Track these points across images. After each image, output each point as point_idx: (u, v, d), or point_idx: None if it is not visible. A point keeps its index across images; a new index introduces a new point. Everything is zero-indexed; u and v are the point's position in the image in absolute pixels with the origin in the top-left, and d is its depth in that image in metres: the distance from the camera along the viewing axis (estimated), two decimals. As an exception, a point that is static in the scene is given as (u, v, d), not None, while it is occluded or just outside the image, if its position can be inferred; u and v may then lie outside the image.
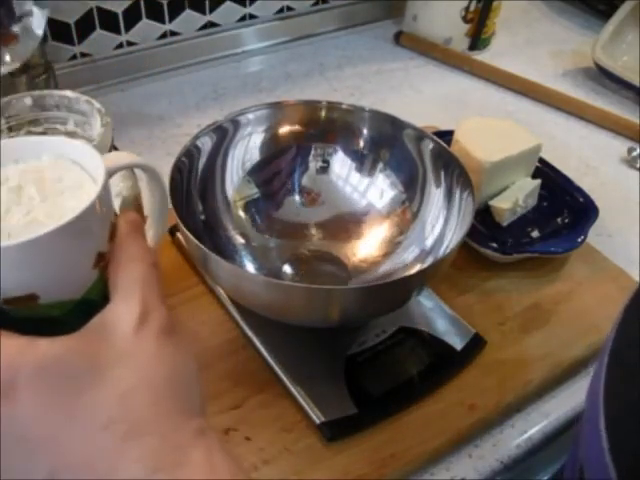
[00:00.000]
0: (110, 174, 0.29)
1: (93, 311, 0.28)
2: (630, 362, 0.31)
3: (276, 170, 0.61)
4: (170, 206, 0.46)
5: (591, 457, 0.33)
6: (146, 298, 0.28)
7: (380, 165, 0.60)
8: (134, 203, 0.54)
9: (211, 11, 0.88)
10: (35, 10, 0.46)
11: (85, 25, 0.79)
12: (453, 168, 0.55)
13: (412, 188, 0.59)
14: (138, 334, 0.27)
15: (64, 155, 0.30)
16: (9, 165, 0.29)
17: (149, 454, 0.25)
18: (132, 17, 0.82)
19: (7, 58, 0.45)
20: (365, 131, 0.60)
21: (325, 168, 0.61)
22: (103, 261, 0.29)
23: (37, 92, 0.50)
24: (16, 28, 0.46)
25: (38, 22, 0.49)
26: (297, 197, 0.61)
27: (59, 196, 0.28)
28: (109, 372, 0.26)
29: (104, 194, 0.28)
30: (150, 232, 0.36)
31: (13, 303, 0.26)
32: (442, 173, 0.56)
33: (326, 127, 0.60)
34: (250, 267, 0.57)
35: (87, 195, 0.27)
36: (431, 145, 0.57)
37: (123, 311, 0.27)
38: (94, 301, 0.29)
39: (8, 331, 0.25)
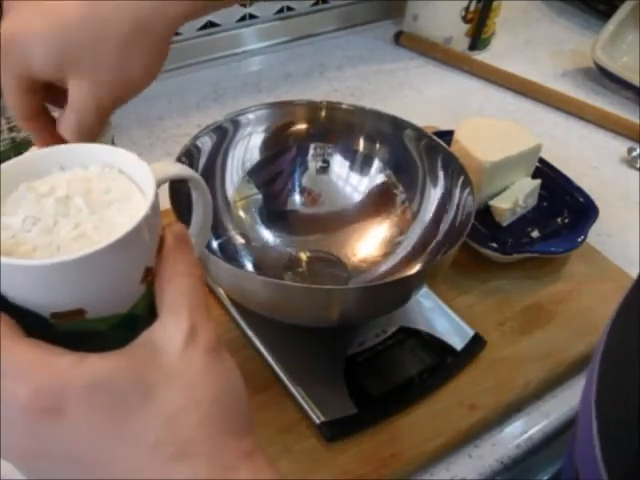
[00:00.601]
0: (158, 185, 0.28)
1: (139, 325, 0.27)
2: (621, 365, 0.31)
3: (276, 170, 0.61)
4: (169, 206, 0.46)
5: (585, 458, 0.33)
6: (194, 314, 0.27)
7: (380, 165, 0.60)
8: None
9: (211, 11, 0.88)
10: None
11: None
12: (453, 168, 0.55)
13: (412, 188, 0.59)
14: (186, 352, 0.26)
15: (111, 164, 0.29)
16: (55, 172, 0.29)
17: (197, 475, 0.25)
18: (132, 17, 0.82)
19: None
20: (365, 131, 0.60)
21: (325, 168, 0.61)
22: (150, 275, 0.28)
23: (37, 92, 0.50)
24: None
25: None
26: (297, 197, 0.61)
27: (107, 209, 0.27)
28: (158, 392, 0.26)
29: (154, 208, 0.27)
30: (193, 241, 0.35)
31: (60, 317, 0.26)
32: (442, 173, 0.56)
33: (326, 127, 0.60)
34: (250, 267, 0.57)
35: (135, 209, 0.27)
36: (431, 145, 0.57)
37: (171, 328, 0.27)
38: (140, 316, 0.28)
39: (54, 345, 0.25)
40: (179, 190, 0.51)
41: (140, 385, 0.25)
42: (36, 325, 0.26)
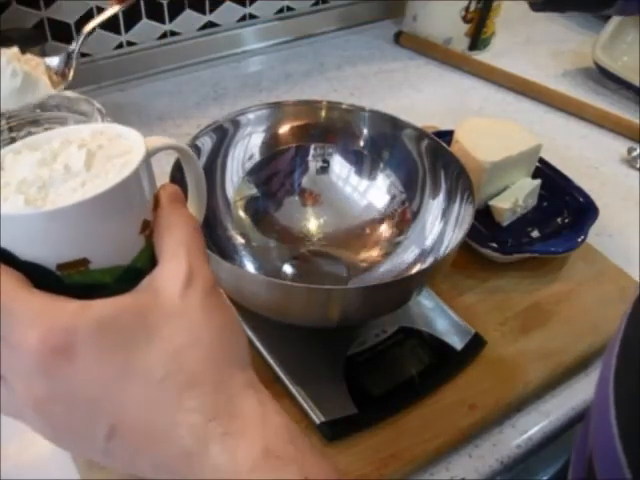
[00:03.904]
0: (149, 154, 0.30)
1: (141, 279, 0.29)
2: None
3: (276, 170, 0.61)
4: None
5: (600, 445, 0.33)
6: (191, 260, 0.29)
7: (380, 165, 0.60)
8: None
9: (211, 11, 0.88)
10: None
11: (85, 25, 0.79)
12: (453, 168, 0.55)
13: (412, 188, 0.59)
14: (186, 293, 0.28)
15: (104, 132, 0.31)
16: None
17: (205, 403, 0.27)
18: (132, 17, 0.82)
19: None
20: (365, 131, 0.60)
21: (325, 168, 0.61)
22: (148, 229, 0.30)
23: (37, 92, 0.50)
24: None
25: None
26: (297, 197, 0.61)
27: (105, 163, 0.29)
28: (161, 330, 0.27)
29: (147, 162, 0.29)
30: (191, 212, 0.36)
31: (66, 268, 0.27)
32: (442, 173, 0.56)
33: (326, 127, 0.60)
34: (250, 267, 0.57)
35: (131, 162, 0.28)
36: (431, 145, 0.57)
37: (170, 272, 0.28)
38: (142, 269, 0.29)
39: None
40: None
41: (144, 323, 0.27)
42: (44, 279, 0.27)
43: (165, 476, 0.27)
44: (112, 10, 0.47)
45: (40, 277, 0.27)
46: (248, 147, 0.59)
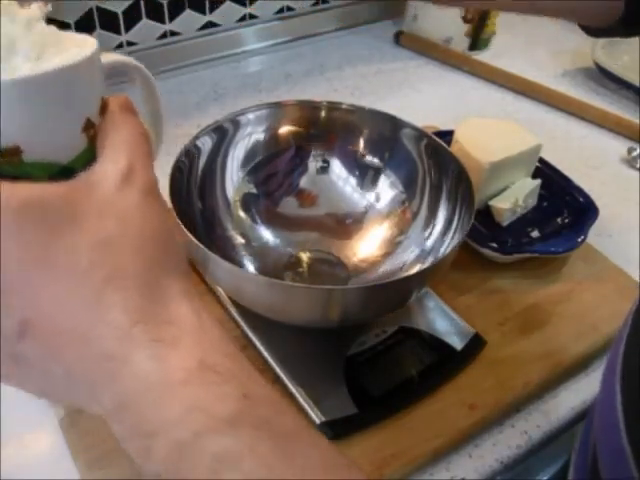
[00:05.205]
0: (104, 65, 0.30)
1: None
2: None
3: (276, 170, 0.61)
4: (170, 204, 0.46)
5: (606, 445, 0.33)
6: (132, 159, 0.28)
7: (380, 165, 0.60)
8: None
9: (211, 11, 0.88)
10: None
11: (85, 25, 0.79)
12: (453, 168, 0.55)
13: (412, 188, 0.59)
14: (122, 189, 0.27)
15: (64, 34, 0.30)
16: None
17: (129, 299, 0.25)
18: (132, 17, 0.82)
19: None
20: (365, 131, 0.60)
21: (325, 168, 0.61)
22: (92, 129, 0.29)
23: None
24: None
25: None
26: (297, 197, 0.61)
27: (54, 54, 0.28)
28: (91, 219, 0.26)
29: (96, 62, 0.28)
30: None
31: None
32: (442, 173, 0.56)
33: (326, 127, 0.60)
34: (250, 267, 0.56)
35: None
36: (431, 145, 0.57)
37: (109, 168, 0.27)
38: (81, 171, 0.28)
39: None
40: (179, 189, 0.51)
41: (73, 210, 0.25)
42: None
43: (80, 387, 0.25)
44: None
45: None
46: (248, 147, 0.59)
